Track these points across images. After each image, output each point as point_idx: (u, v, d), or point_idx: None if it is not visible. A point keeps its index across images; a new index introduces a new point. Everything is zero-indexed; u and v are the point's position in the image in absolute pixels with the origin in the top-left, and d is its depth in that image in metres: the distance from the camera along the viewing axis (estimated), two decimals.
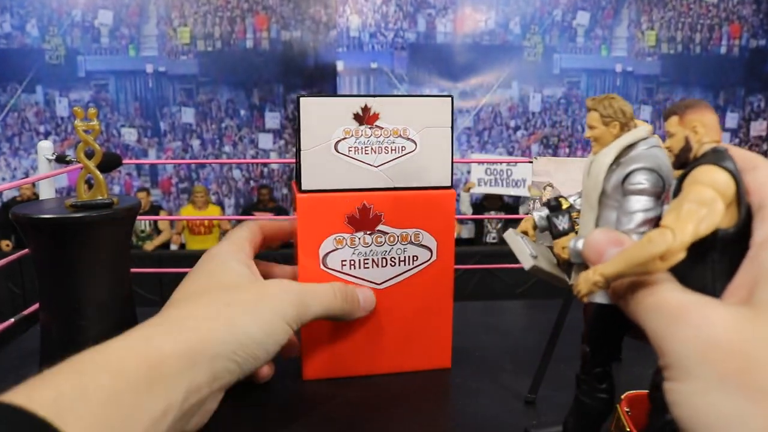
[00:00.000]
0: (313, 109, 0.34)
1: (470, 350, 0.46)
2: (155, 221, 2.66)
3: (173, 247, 2.76)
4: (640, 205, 0.21)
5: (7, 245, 2.53)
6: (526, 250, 0.29)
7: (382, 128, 0.36)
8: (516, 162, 2.83)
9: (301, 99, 0.34)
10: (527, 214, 0.44)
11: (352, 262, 0.36)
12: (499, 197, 2.85)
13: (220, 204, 3.13)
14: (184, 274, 0.32)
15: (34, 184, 0.53)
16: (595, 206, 0.23)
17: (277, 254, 0.51)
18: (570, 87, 3.22)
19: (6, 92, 3.00)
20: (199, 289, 0.30)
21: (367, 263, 0.36)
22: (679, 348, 0.17)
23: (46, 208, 0.34)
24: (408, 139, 0.36)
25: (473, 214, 2.90)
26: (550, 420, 0.34)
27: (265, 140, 3.18)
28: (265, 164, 3.22)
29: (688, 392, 0.16)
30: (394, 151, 0.36)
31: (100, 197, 0.35)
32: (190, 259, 0.33)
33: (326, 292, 0.32)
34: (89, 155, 0.36)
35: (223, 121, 3.17)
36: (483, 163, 2.82)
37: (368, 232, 0.36)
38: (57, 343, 0.35)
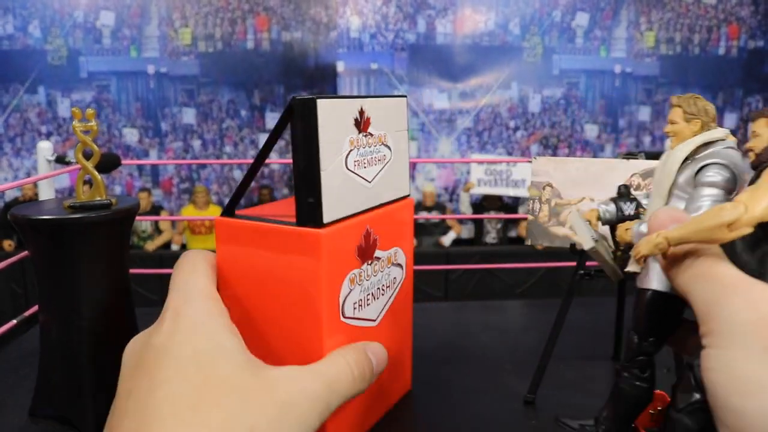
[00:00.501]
0: (330, 114, 0.26)
1: (470, 350, 0.46)
2: (156, 221, 2.66)
3: (174, 247, 2.76)
4: (709, 195, 0.22)
5: (9, 245, 2.54)
6: (588, 232, 0.29)
7: (373, 135, 0.30)
8: (515, 162, 2.83)
9: (319, 101, 0.26)
10: (527, 213, 0.44)
11: (360, 303, 0.30)
12: (499, 197, 2.85)
13: (221, 204, 3.13)
14: None
15: (35, 185, 0.53)
16: (664, 196, 0.24)
17: None
18: (569, 88, 3.22)
19: (8, 93, 3.01)
20: (197, 396, 0.19)
21: (369, 299, 0.31)
22: (728, 315, 0.17)
23: (45, 209, 0.34)
24: (387, 146, 0.31)
25: (473, 214, 2.90)
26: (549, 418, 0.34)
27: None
28: (265, 165, 3.22)
29: (729, 358, 0.17)
30: (380, 162, 0.31)
31: (99, 198, 0.35)
32: None
33: (346, 378, 0.24)
34: (88, 156, 0.36)
35: (223, 121, 3.17)
36: (483, 163, 2.81)
37: (369, 262, 0.30)
38: (56, 343, 0.35)
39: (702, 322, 0.18)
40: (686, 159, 0.24)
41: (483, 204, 2.91)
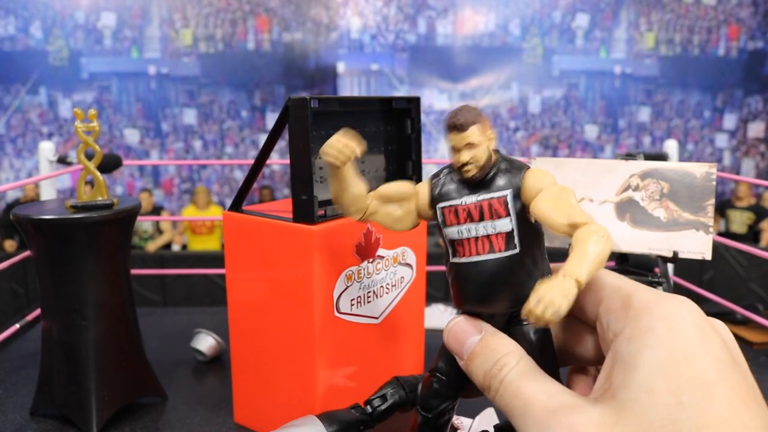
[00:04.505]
0: None
1: None
2: (157, 222, 2.67)
3: (175, 247, 2.77)
4: None
5: (11, 246, 2.54)
6: None
7: None
8: None
9: (312, 101, 0.26)
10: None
11: (359, 300, 0.30)
12: None
13: (222, 204, 3.14)
14: (185, 275, 0.28)
15: (37, 185, 0.53)
16: None
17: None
18: (569, 88, 3.22)
19: (10, 93, 3.02)
20: None
21: (370, 297, 0.31)
22: None
23: (47, 209, 0.34)
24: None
25: None
26: None
27: None
28: (266, 165, 3.23)
29: None
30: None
31: (100, 198, 0.35)
32: (192, 259, 0.31)
33: None
34: (90, 156, 0.36)
35: (224, 122, 3.18)
36: None
37: (370, 260, 0.31)
38: (57, 342, 0.35)
39: None
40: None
41: None
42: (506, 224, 0.20)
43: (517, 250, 0.19)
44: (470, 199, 0.20)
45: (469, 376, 0.20)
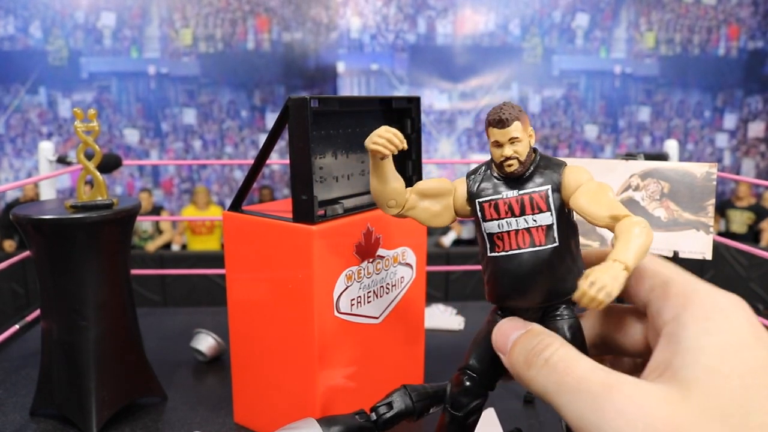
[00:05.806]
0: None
1: None
2: (157, 222, 2.67)
3: (175, 247, 2.77)
4: None
5: (11, 246, 2.54)
6: None
7: None
8: None
9: (311, 100, 0.26)
10: None
11: (359, 300, 0.30)
12: None
13: (222, 204, 3.14)
14: (185, 275, 0.28)
15: (37, 185, 0.53)
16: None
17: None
18: (569, 88, 3.22)
19: (9, 93, 3.02)
20: None
21: (370, 297, 0.31)
22: None
23: (47, 209, 0.34)
24: None
25: None
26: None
27: None
28: (266, 165, 3.23)
29: None
30: None
31: (100, 198, 0.35)
32: (192, 259, 0.31)
33: None
34: (89, 156, 0.36)
35: (224, 122, 3.18)
36: None
37: (370, 260, 0.31)
38: (58, 343, 0.35)
39: None
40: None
41: None
42: (547, 218, 0.20)
43: (556, 244, 0.20)
44: (511, 194, 0.21)
45: (510, 369, 0.19)
